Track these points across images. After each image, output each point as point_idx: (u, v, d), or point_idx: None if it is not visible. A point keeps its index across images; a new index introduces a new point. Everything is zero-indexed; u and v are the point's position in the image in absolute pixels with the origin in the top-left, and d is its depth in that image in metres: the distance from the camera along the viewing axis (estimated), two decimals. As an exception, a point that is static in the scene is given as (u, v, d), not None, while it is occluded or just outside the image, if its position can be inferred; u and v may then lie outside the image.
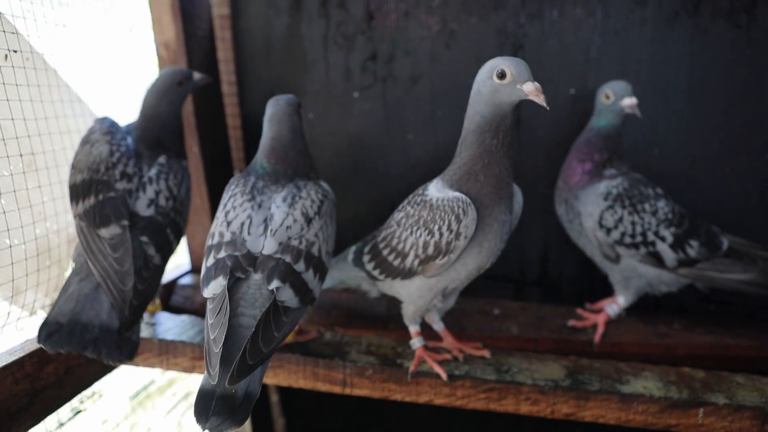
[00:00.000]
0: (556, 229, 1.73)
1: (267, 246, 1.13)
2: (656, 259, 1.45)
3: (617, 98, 1.45)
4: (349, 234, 1.72)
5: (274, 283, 1.08)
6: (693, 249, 1.44)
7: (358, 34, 1.76)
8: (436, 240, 1.17)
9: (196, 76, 1.49)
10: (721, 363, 1.51)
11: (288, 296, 1.08)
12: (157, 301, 1.50)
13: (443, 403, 1.28)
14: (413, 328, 1.33)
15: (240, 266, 1.10)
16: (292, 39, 1.81)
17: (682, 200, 1.59)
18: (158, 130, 1.42)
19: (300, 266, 1.12)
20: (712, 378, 1.32)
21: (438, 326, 1.37)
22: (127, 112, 1.68)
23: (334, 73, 1.79)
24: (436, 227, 1.17)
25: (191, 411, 0.99)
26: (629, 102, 1.43)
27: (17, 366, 1.19)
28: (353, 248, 1.45)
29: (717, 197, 1.69)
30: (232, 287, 1.08)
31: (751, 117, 1.65)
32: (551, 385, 1.25)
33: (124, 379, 1.75)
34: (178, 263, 1.92)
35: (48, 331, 1.16)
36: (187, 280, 1.81)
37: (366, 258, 1.35)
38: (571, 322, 1.55)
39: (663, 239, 1.43)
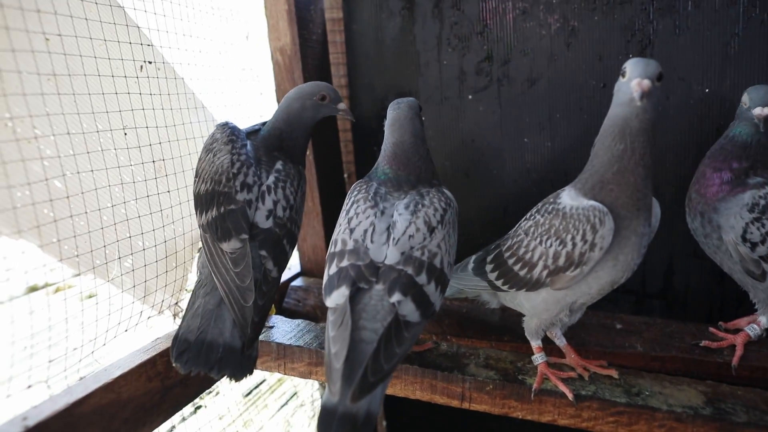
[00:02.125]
0: (684, 239, 1.60)
1: (389, 256, 1.10)
2: (808, 278, 1.31)
3: (752, 105, 1.32)
4: (461, 240, 1.68)
5: (396, 296, 1.05)
6: None
7: (473, 35, 1.71)
8: (569, 250, 1.11)
9: (341, 106, 1.45)
10: None
11: (409, 310, 1.06)
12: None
13: (567, 424, 1.22)
14: (535, 343, 1.27)
15: (363, 276, 1.08)
16: (404, 41, 1.79)
17: None
18: (286, 137, 1.41)
19: (422, 278, 1.09)
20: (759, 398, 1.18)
21: (560, 342, 1.31)
22: (245, 118, 1.72)
23: (448, 75, 1.76)
24: (569, 237, 1.11)
25: (300, 411, 0.98)
26: (758, 112, 1.29)
27: (150, 364, 1.24)
28: (474, 257, 1.40)
29: None
30: (354, 298, 1.06)
31: None
32: (690, 413, 1.15)
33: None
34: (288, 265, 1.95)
35: (178, 349, 1.17)
36: (298, 283, 1.83)
37: (489, 267, 1.30)
38: (705, 342, 1.43)
39: (815, 256, 1.29)
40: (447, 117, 1.78)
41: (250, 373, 1.19)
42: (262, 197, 1.29)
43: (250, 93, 1.80)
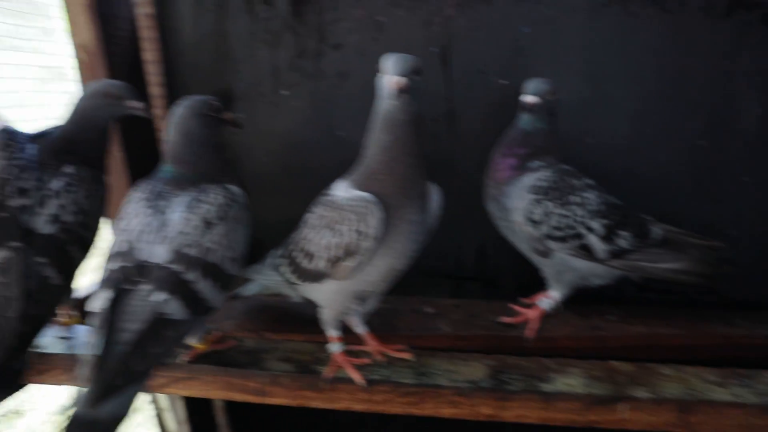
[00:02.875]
0: (493, 223, 1.69)
1: (161, 254, 1.08)
2: (587, 252, 1.41)
3: (525, 95, 1.42)
4: (282, 236, 1.68)
5: (160, 295, 1.04)
6: (624, 240, 1.41)
7: (285, 31, 1.72)
8: (344, 241, 1.14)
9: (134, 104, 1.40)
10: (654, 353, 1.48)
11: (175, 308, 1.04)
12: (74, 313, 1.45)
13: (362, 409, 1.25)
14: (332, 333, 1.29)
15: (128, 277, 1.06)
16: (218, 37, 1.76)
17: (617, 190, 1.55)
18: (77, 139, 1.35)
19: (193, 275, 1.08)
20: (639, 371, 1.29)
21: (360, 329, 1.34)
22: (51, 119, 1.63)
23: (262, 72, 1.75)
24: (344, 228, 1.14)
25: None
26: (523, 99, 1.40)
27: None
28: (273, 251, 1.41)
29: (652, 185, 1.67)
30: (120, 300, 1.04)
31: (683, 102, 1.63)
32: (471, 387, 1.21)
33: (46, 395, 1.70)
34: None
35: None
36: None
37: (281, 261, 1.31)
38: (504, 319, 1.52)
39: (592, 231, 1.40)
40: (263, 114, 1.77)
41: (16, 388, 1.13)
42: (42, 202, 1.23)
43: (56, 92, 1.71)
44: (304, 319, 1.58)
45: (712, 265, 1.45)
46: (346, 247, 1.14)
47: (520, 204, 1.41)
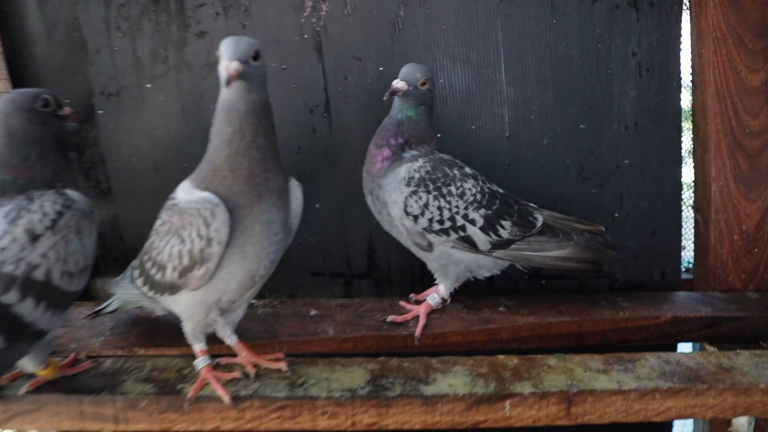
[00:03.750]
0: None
1: None
2: (469, 244, 1.37)
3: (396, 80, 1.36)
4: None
5: None
6: (505, 230, 1.37)
7: (143, 18, 1.57)
8: (189, 248, 1.03)
9: (67, 110, 1.18)
10: (544, 342, 1.46)
11: None
12: None
13: (233, 429, 1.14)
14: (197, 347, 1.18)
15: None
16: (69, 26, 1.58)
17: (501, 178, 1.53)
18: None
19: (10, 296, 0.94)
20: (524, 364, 1.26)
21: (230, 340, 1.23)
22: None
23: (122, 63, 1.59)
24: (186, 234, 1.03)
25: None
26: (393, 85, 1.34)
27: None
28: (133, 262, 1.28)
29: (537, 172, 1.65)
30: None
31: (563, 87, 1.61)
32: (348, 396, 1.13)
33: None
34: None
35: None
36: None
37: (135, 273, 1.18)
38: (391, 317, 1.45)
39: (473, 222, 1.35)
40: (128, 110, 1.61)
41: None
42: None
43: None
44: (178, 330, 1.45)
45: (597, 251, 1.44)
46: (191, 254, 1.03)
47: (395, 197, 1.34)
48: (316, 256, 1.68)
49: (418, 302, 1.52)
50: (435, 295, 1.47)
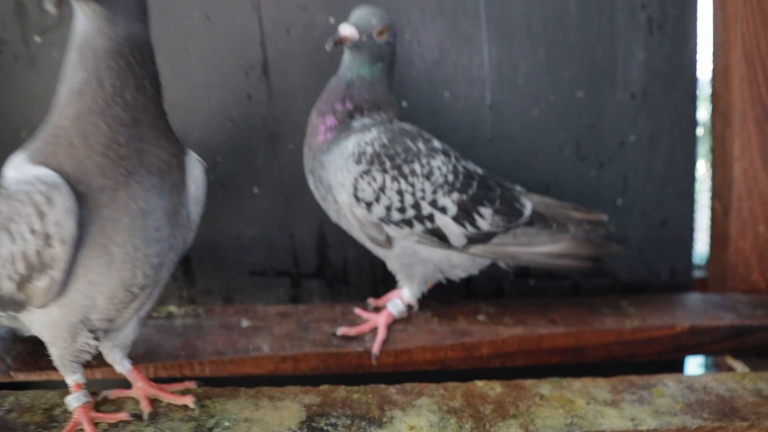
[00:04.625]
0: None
1: None
2: (439, 238, 1.08)
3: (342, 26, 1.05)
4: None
5: None
6: (485, 219, 1.08)
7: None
8: (22, 250, 0.72)
9: None
10: (534, 359, 1.20)
11: None
12: None
13: (115, 491, 0.84)
14: (70, 379, 0.88)
15: None
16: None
17: (481, 157, 1.25)
18: None
19: None
20: (510, 394, 0.98)
21: (121, 368, 0.93)
22: None
23: (2, 13, 1.26)
24: (16, 229, 0.72)
25: None
26: (339, 32, 1.02)
27: None
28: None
29: (525, 149, 1.37)
30: None
31: (558, 47, 1.33)
32: (272, 446, 0.84)
33: None
34: None
35: None
36: None
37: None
38: (342, 330, 1.15)
39: (443, 210, 1.06)
40: (10, 70, 1.28)
41: None
42: None
43: None
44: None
45: (598, 245, 1.16)
46: (26, 258, 0.73)
47: (342, 178, 1.04)
48: (255, 252, 1.38)
49: (377, 310, 1.23)
50: (397, 302, 1.18)
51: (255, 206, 1.35)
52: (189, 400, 0.91)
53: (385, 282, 1.40)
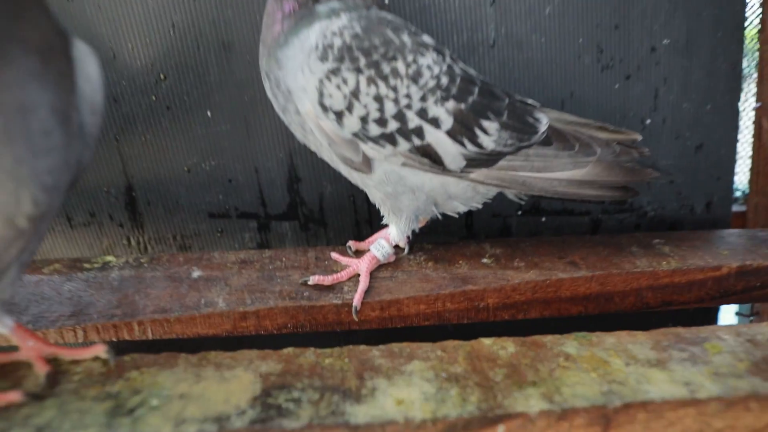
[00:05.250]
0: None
1: None
2: (431, 159, 0.85)
3: None
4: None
5: None
6: (489, 135, 0.86)
7: None
8: None
9: None
10: (551, 310, 0.99)
11: None
12: None
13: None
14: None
15: None
16: None
17: (481, 65, 1.01)
18: None
19: None
20: (526, 354, 0.76)
21: (2, 327, 0.71)
22: None
23: None
24: None
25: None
26: None
27: None
28: None
29: (535, 56, 1.12)
30: None
31: None
32: (212, 430, 0.62)
33: None
34: None
35: None
36: None
37: None
38: (316, 278, 0.94)
39: (435, 123, 0.83)
40: None
41: None
42: None
43: None
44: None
45: (631, 171, 0.94)
46: None
47: (303, 79, 0.80)
48: (213, 189, 1.15)
49: (359, 254, 1.01)
50: (383, 243, 0.96)
51: (209, 134, 1.11)
52: (100, 350, 0.70)
53: (370, 223, 1.19)
